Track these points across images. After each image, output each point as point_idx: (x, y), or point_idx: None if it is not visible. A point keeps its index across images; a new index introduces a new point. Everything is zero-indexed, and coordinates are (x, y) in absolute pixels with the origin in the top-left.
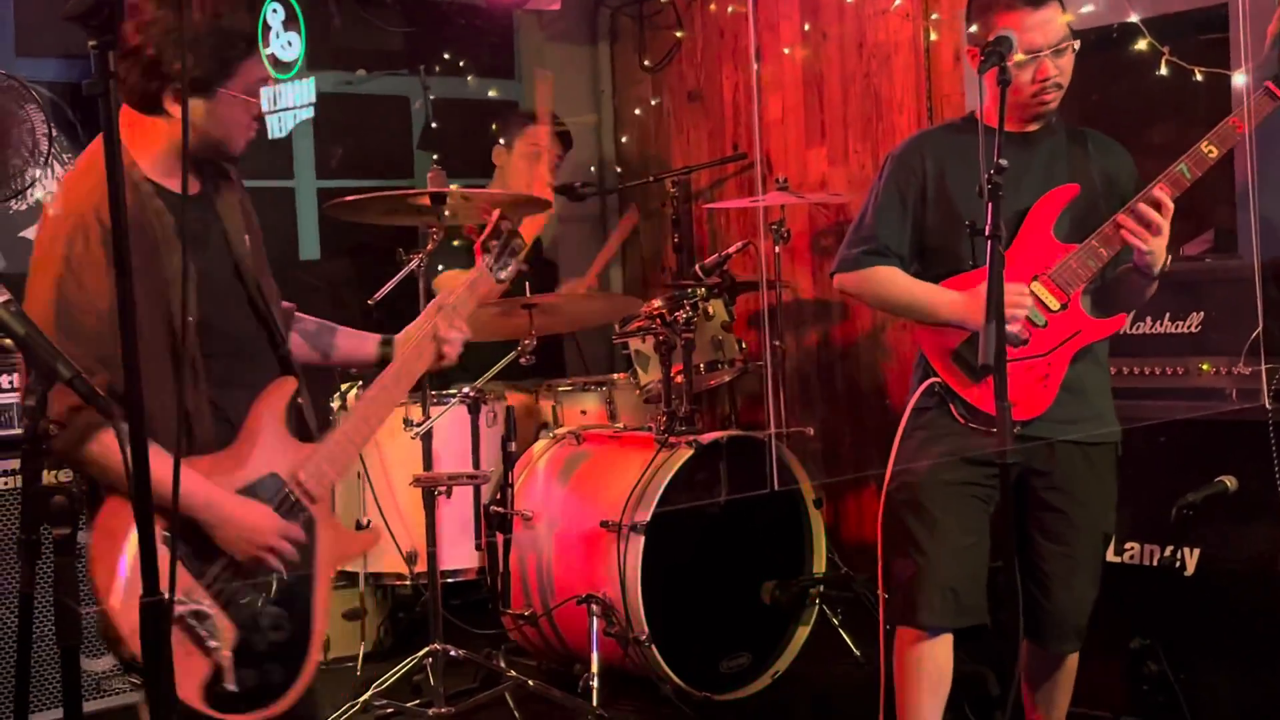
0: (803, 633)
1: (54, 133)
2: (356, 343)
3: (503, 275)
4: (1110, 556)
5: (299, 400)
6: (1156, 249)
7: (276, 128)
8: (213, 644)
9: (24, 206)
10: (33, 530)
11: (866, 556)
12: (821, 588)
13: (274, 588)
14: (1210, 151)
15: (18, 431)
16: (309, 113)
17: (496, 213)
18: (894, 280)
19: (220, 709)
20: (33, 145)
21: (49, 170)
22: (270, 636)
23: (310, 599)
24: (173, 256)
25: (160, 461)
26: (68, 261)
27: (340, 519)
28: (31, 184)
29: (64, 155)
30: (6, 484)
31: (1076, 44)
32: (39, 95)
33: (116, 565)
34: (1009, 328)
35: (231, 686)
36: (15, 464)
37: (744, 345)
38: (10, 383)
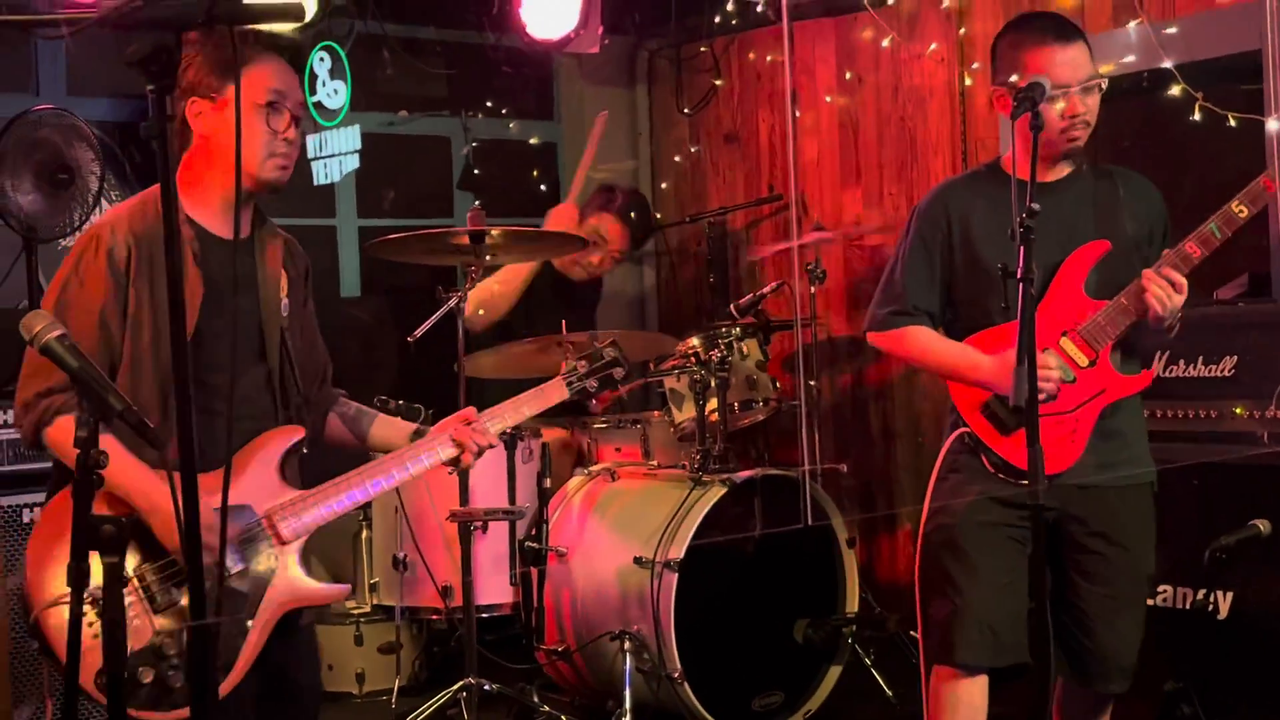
0: (835, 672)
1: (104, 172)
2: (390, 431)
3: (579, 391)
4: None
5: (302, 451)
6: (1176, 306)
7: (323, 174)
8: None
9: (73, 243)
10: (82, 558)
11: (900, 596)
12: (854, 627)
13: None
14: (1240, 211)
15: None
16: (354, 159)
17: (610, 339)
18: (926, 342)
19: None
20: (83, 183)
21: (99, 208)
22: (189, 651)
23: (244, 632)
24: (193, 283)
25: (122, 462)
26: (76, 266)
27: (307, 566)
28: (82, 223)
29: (112, 194)
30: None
31: (1104, 83)
32: (90, 134)
33: (49, 553)
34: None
35: (144, 678)
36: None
37: (778, 384)
38: None
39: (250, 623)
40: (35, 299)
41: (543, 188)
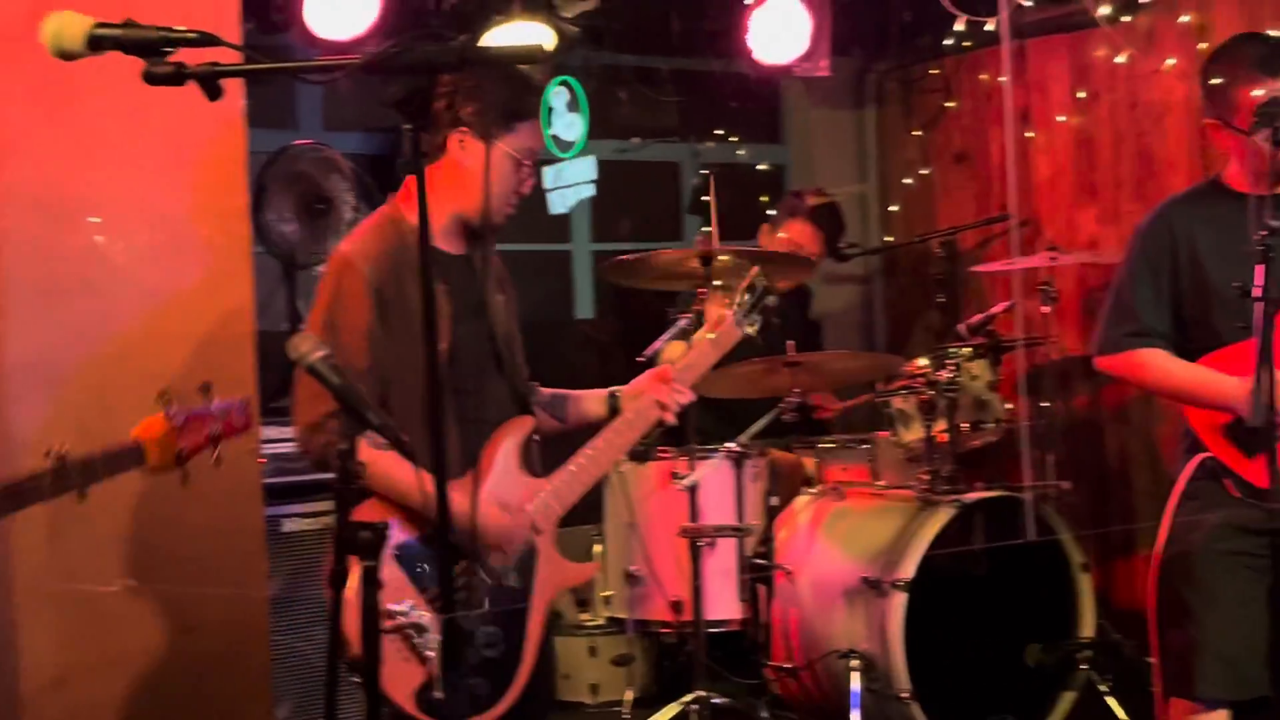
0: (1069, 698)
1: (358, 201)
2: (587, 404)
3: (749, 328)
4: None
5: (534, 439)
6: None
7: (559, 203)
8: (428, 654)
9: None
10: (342, 561)
11: (1139, 623)
12: (1089, 653)
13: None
14: None
15: (323, 475)
16: (590, 189)
17: (755, 270)
18: (1162, 364)
19: (428, 714)
20: (338, 213)
21: None
22: (484, 654)
23: (525, 623)
24: (440, 304)
25: (400, 471)
26: (336, 290)
27: (560, 552)
28: None
29: None
30: (306, 525)
31: None
32: (345, 166)
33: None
34: None
35: (439, 695)
36: (315, 506)
37: (1009, 406)
38: None
39: (529, 614)
40: (295, 323)
41: (770, 212)
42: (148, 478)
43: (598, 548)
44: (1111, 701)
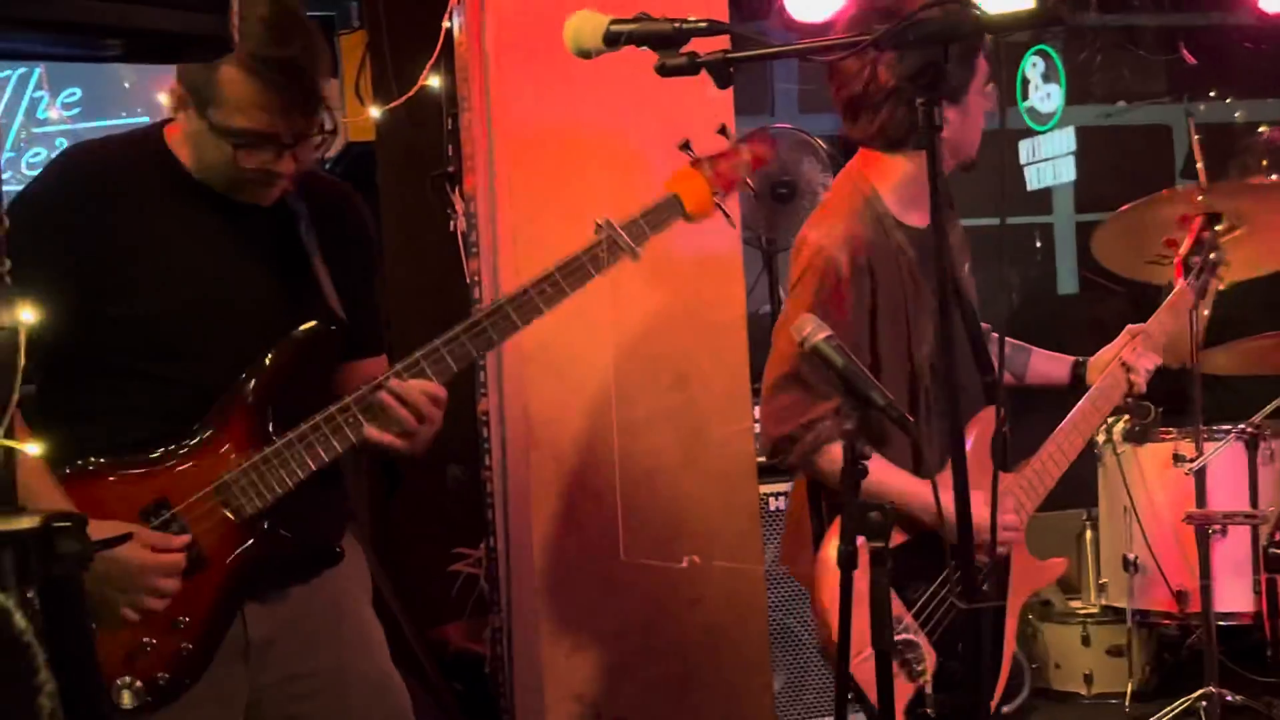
0: None
1: (830, 182)
2: (1050, 365)
3: (1205, 290)
4: None
5: (1003, 430)
6: None
7: (1036, 179)
8: (918, 668)
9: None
10: (850, 542)
11: None
12: None
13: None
14: None
15: None
16: (1069, 162)
17: (1196, 222)
18: None
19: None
20: (812, 196)
21: None
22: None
23: (1001, 626)
24: (912, 292)
25: (885, 471)
26: (818, 295)
27: (1043, 539)
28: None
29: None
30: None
31: None
32: (819, 148)
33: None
34: None
35: (930, 711)
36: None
37: None
38: None
39: (1005, 619)
40: (775, 305)
41: (1275, 177)
42: (665, 457)
43: (1087, 533)
44: None
